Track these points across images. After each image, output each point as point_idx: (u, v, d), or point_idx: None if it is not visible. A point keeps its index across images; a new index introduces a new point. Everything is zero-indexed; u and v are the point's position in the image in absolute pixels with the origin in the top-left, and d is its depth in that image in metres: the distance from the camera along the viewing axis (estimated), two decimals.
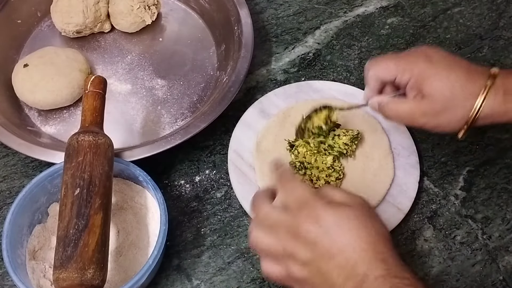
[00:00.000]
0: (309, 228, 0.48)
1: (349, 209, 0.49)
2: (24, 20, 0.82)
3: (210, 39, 0.84)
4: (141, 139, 0.73)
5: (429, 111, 0.57)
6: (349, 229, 0.47)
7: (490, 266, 0.65)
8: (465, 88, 0.55)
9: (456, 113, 0.56)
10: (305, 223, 0.48)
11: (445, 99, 0.56)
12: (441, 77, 0.56)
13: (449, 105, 0.56)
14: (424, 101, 0.57)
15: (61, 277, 0.51)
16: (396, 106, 0.59)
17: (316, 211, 0.48)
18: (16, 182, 0.71)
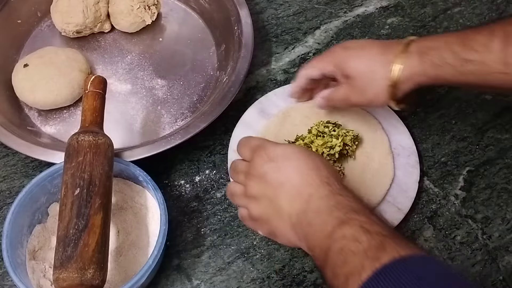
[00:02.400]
0: (260, 163, 0.54)
1: (296, 146, 0.58)
2: (24, 20, 0.82)
3: (210, 39, 0.84)
4: (141, 139, 0.73)
5: (356, 90, 0.62)
6: (296, 158, 0.53)
7: (490, 266, 0.65)
8: (380, 59, 0.60)
9: (379, 84, 0.60)
10: (257, 161, 0.54)
11: (365, 74, 0.61)
12: (357, 57, 0.62)
13: (370, 78, 0.60)
14: (350, 83, 0.62)
15: (61, 277, 0.51)
16: (334, 93, 0.65)
17: (267, 149, 0.55)
18: (16, 182, 0.71)
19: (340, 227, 0.47)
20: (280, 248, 0.66)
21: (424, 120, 0.76)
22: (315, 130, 0.68)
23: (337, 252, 0.45)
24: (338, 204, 0.49)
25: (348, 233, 0.46)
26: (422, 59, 0.57)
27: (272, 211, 0.53)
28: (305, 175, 0.52)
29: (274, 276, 0.64)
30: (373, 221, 0.47)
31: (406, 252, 0.42)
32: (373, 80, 0.60)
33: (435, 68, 0.57)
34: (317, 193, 0.50)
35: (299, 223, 0.51)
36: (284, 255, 0.65)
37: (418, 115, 0.77)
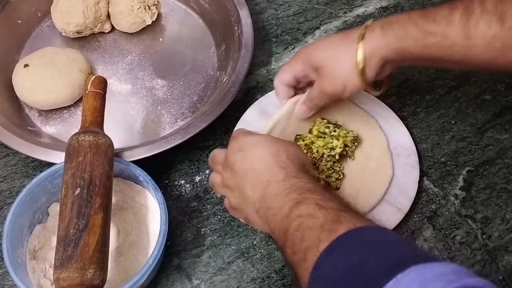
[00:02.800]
0: (231, 153, 0.56)
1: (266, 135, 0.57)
2: (24, 20, 0.82)
3: (210, 39, 0.84)
4: (141, 139, 0.73)
5: (327, 78, 0.62)
6: (261, 146, 0.54)
7: (490, 266, 0.65)
8: (343, 42, 0.60)
9: (347, 65, 0.60)
10: (229, 151, 0.56)
11: (330, 59, 0.61)
12: (320, 47, 0.63)
13: (336, 62, 0.61)
14: (321, 73, 0.62)
15: (61, 277, 0.51)
16: (311, 92, 0.65)
17: (238, 139, 0.56)
18: (17, 182, 0.71)
19: (296, 207, 0.48)
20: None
21: (424, 120, 0.76)
22: (316, 131, 0.68)
23: (294, 230, 0.47)
24: (293, 186, 0.50)
25: (304, 211, 0.47)
26: (385, 32, 0.57)
27: (242, 200, 0.55)
28: (265, 161, 0.53)
29: (274, 276, 0.64)
30: (328, 198, 0.48)
31: (362, 224, 0.44)
32: (340, 64, 0.60)
33: (398, 40, 0.57)
34: (274, 178, 0.52)
35: (261, 208, 0.52)
36: None
37: (418, 115, 0.77)
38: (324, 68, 0.61)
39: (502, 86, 0.80)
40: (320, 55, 0.62)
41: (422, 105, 0.78)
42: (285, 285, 0.64)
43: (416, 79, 0.81)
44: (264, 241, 0.66)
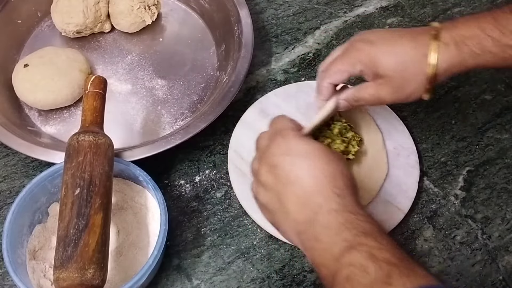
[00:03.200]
0: (274, 151, 0.51)
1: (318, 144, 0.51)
2: (24, 20, 0.82)
3: (210, 39, 0.84)
4: (141, 139, 0.73)
5: (392, 88, 0.58)
6: (314, 159, 0.49)
7: (490, 266, 0.65)
8: (414, 54, 0.56)
9: (416, 80, 0.57)
10: (272, 148, 0.51)
11: (401, 72, 0.57)
12: (387, 53, 0.57)
13: (407, 75, 0.57)
14: (384, 81, 0.58)
15: (61, 277, 0.51)
16: (361, 93, 0.60)
17: (286, 138, 0.51)
18: (17, 182, 0.71)
19: (348, 252, 0.44)
20: (280, 248, 0.66)
21: (424, 120, 0.76)
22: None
23: (344, 279, 0.44)
24: (348, 223, 0.46)
25: (356, 260, 0.43)
26: (460, 50, 0.55)
27: (278, 207, 0.50)
28: (318, 180, 0.48)
29: (274, 276, 0.64)
30: (383, 246, 0.44)
31: (412, 285, 0.41)
32: (409, 78, 0.57)
33: (474, 57, 0.54)
34: (327, 205, 0.47)
35: (305, 233, 0.48)
36: (284, 255, 0.66)
37: (418, 115, 0.77)
38: (390, 80, 0.57)
39: (502, 86, 0.80)
40: (388, 65, 0.57)
41: (422, 105, 0.78)
42: (285, 285, 0.64)
43: None
44: (264, 241, 0.66)
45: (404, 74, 0.57)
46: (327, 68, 0.62)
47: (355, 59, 0.59)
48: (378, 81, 0.58)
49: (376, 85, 0.58)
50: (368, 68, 0.58)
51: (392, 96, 0.58)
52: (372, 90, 0.59)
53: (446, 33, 0.55)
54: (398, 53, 0.56)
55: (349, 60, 0.59)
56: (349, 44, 0.60)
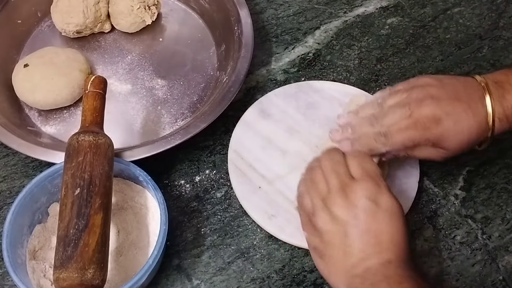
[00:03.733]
0: (360, 194, 0.52)
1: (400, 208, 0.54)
2: (24, 20, 0.82)
3: (210, 39, 0.84)
4: (141, 139, 0.73)
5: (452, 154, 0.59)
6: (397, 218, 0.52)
7: (490, 266, 0.65)
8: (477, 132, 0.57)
9: (479, 141, 0.59)
10: (360, 189, 0.52)
11: (467, 145, 0.58)
12: (456, 134, 0.57)
13: (472, 144, 0.58)
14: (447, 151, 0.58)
15: (61, 277, 0.51)
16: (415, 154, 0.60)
17: (378, 188, 0.53)
18: (16, 182, 0.71)
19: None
20: (280, 248, 0.66)
21: None
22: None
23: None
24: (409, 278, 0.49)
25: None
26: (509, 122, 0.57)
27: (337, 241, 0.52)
28: (395, 240, 0.51)
29: (274, 276, 0.64)
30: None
31: None
32: (470, 147, 0.59)
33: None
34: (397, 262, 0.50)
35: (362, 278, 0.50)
36: (284, 255, 0.66)
37: None
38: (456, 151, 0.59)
39: None
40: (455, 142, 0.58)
41: None
42: (285, 285, 0.64)
43: None
44: (264, 241, 0.66)
45: (468, 146, 0.58)
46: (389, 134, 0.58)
47: (422, 138, 0.57)
48: (440, 148, 0.58)
49: (437, 151, 0.59)
50: (432, 143, 0.58)
51: (447, 158, 0.60)
52: (431, 154, 0.59)
53: (499, 107, 0.57)
54: (465, 132, 0.57)
55: (415, 137, 0.58)
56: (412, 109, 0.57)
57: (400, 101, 0.59)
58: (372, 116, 0.60)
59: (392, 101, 0.60)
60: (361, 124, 0.61)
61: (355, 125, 0.61)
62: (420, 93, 0.58)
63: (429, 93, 0.57)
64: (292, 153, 0.71)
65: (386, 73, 0.81)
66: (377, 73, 0.81)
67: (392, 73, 0.81)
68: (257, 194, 0.67)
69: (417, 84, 0.59)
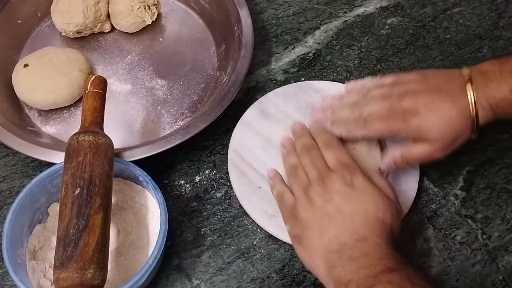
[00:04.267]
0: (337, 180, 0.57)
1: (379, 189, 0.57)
2: (24, 20, 0.82)
3: (210, 39, 0.84)
4: (141, 139, 0.73)
5: (444, 147, 0.60)
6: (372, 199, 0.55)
7: (490, 266, 0.65)
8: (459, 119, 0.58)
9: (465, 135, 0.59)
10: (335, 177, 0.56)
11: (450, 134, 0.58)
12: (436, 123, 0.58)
13: (456, 134, 0.59)
14: (434, 142, 0.59)
15: (61, 277, 0.51)
16: (413, 154, 0.61)
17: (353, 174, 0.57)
18: (16, 182, 0.71)
19: (389, 272, 0.49)
20: (280, 248, 0.66)
21: None
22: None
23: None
24: (390, 255, 0.51)
25: (396, 280, 0.48)
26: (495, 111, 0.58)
27: (316, 225, 0.55)
28: (370, 219, 0.54)
29: (274, 276, 0.64)
30: (420, 276, 0.49)
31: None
32: (457, 135, 0.59)
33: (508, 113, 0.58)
34: (372, 239, 0.52)
35: (339, 252, 0.52)
36: (284, 255, 0.66)
37: None
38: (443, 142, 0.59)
39: None
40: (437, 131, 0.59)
41: None
42: (285, 285, 0.64)
43: None
44: (264, 241, 0.66)
45: (453, 134, 0.59)
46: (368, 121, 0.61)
47: (400, 128, 0.59)
48: (427, 142, 0.59)
49: (427, 146, 0.60)
50: (413, 135, 0.60)
51: (444, 153, 0.60)
52: (424, 151, 0.60)
53: (482, 95, 0.57)
54: (444, 119, 0.58)
55: (393, 127, 0.60)
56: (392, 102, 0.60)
57: (383, 94, 0.62)
58: (354, 103, 0.63)
59: (376, 92, 0.62)
60: (343, 108, 0.64)
61: (336, 107, 0.64)
62: (402, 88, 0.61)
63: (410, 89, 0.60)
64: None
65: (386, 73, 0.81)
66: (377, 73, 0.81)
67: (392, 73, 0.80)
68: (257, 194, 0.67)
69: (402, 80, 0.62)
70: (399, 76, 0.64)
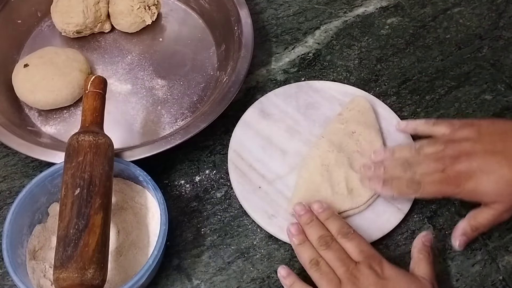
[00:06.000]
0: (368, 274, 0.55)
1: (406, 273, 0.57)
2: (24, 20, 0.82)
3: (210, 39, 0.84)
4: (141, 139, 0.73)
5: (507, 208, 0.58)
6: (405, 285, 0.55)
7: (490, 266, 0.65)
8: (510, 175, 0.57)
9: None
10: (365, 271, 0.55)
11: (510, 193, 0.57)
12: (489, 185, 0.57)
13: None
14: (495, 205, 0.58)
15: (61, 277, 0.51)
16: (479, 222, 0.61)
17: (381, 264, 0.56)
18: (16, 182, 0.71)
19: None
20: (280, 248, 0.66)
21: None
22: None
23: None
24: None
25: None
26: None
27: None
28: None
29: (274, 276, 0.64)
30: None
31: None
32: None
33: None
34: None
35: None
36: (284, 255, 0.66)
37: (418, 115, 0.77)
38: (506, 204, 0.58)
39: (502, 86, 0.80)
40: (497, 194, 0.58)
41: (422, 105, 0.78)
42: None
43: (416, 79, 0.81)
44: (264, 241, 0.66)
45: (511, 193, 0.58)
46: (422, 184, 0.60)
47: (454, 193, 0.59)
48: (489, 206, 0.59)
49: (490, 210, 0.59)
50: (468, 199, 0.59)
51: (510, 214, 0.59)
52: (489, 215, 0.59)
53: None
54: (500, 182, 0.57)
55: (447, 191, 0.59)
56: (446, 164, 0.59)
57: (435, 153, 0.60)
58: (406, 161, 0.62)
59: (429, 150, 0.61)
60: (395, 166, 0.63)
61: (388, 165, 0.63)
62: (456, 149, 0.60)
63: (464, 150, 0.59)
64: (292, 153, 0.71)
65: (386, 73, 0.81)
66: (377, 73, 0.81)
67: (392, 73, 0.81)
68: (257, 194, 0.67)
69: (456, 137, 0.61)
70: (453, 127, 0.62)
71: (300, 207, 0.62)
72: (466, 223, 0.61)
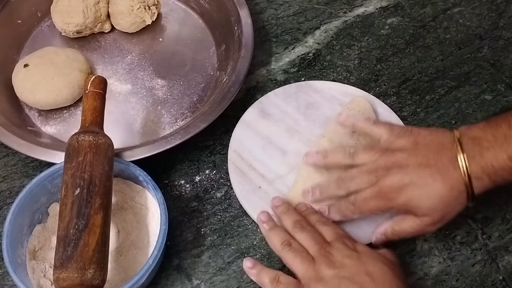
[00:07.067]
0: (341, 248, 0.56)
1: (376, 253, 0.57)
2: (24, 20, 0.82)
3: (210, 39, 0.84)
4: (141, 139, 0.73)
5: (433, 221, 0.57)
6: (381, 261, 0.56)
7: (490, 266, 0.65)
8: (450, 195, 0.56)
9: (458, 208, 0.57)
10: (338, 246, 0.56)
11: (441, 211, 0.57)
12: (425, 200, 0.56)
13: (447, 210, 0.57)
14: (423, 218, 0.57)
15: (61, 277, 0.51)
16: (402, 227, 0.60)
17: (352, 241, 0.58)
18: (16, 182, 0.71)
19: None
20: None
21: (424, 120, 0.76)
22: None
23: None
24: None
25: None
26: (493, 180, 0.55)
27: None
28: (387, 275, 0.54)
29: None
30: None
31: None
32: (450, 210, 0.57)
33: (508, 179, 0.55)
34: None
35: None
36: None
37: (418, 115, 0.77)
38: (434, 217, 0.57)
39: (502, 86, 0.80)
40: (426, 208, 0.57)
41: (422, 105, 0.78)
42: None
43: (416, 79, 0.81)
44: (264, 241, 0.66)
45: (443, 211, 0.57)
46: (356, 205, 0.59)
47: (388, 207, 0.58)
48: (417, 217, 0.58)
49: (416, 220, 0.58)
50: (402, 212, 0.59)
51: (435, 227, 0.58)
52: (414, 224, 0.58)
53: (476, 166, 0.54)
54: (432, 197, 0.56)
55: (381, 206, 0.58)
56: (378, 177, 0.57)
57: (369, 163, 0.59)
58: (339, 178, 0.61)
59: (363, 157, 0.60)
60: (329, 185, 0.62)
61: (322, 186, 0.63)
62: (389, 160, 0.58)
63: (397, 161, 0.57)
64: (292, 153, 0.71)
65: (386, 73, 0.81)
66: (377, 73, 0.81)
67: (392, 73, 0.81)
68: (257, 194, 0.67)
69: (391, 146, 0.59)
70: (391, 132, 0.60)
71: (277, 199, 0.64)
72: (389, 226, 0.60)
